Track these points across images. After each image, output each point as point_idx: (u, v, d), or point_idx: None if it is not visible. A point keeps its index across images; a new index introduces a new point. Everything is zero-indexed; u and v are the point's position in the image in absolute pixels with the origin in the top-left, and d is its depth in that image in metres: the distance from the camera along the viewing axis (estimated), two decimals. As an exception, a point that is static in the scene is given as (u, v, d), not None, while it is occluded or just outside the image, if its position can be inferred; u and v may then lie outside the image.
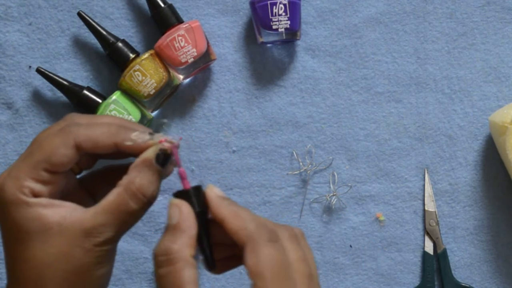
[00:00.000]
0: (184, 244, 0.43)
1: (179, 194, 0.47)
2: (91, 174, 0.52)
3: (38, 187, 0.45)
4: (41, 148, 0.46)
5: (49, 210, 0.45)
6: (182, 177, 0.48)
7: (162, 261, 0.43)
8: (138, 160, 0.46)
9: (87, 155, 0.48)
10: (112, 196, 0.45)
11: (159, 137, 0.47)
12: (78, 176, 0.51)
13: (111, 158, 0.50)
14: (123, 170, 0.47)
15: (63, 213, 0.45)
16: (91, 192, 0.52)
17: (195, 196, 0.47)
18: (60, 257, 0.44)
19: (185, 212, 0.45)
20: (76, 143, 0.46)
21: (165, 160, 0.46)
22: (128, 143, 0.46)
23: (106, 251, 0.45)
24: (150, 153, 0.46)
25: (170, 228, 0.44)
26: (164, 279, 0.42)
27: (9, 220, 0.45)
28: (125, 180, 0.46)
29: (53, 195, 0.46)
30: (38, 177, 0.45)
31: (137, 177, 0.45)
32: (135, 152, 0.47)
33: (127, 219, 0.45)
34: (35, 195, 0.45)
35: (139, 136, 0.46)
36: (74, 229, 0.44)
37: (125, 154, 0.48)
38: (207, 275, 0.73)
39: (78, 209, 0.45)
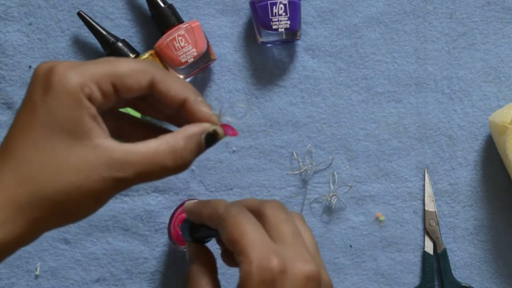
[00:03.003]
0: (202, 269, 0.48)
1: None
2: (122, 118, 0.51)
3: (97, 95, 0.43)
4: (120, 64, 0.44)
5: (93, 122, 0.43)
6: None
7: None
8: (192, 126, 0.46)
9: (125, 101, 0.48)
10: (152, 144, 0.44)
11: (225, 119, 0.48)
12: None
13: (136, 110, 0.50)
14: (154, 128, 0.48)
15: (101, 133, 0.43)
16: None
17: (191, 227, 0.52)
18: (75, 168, 0.42)
19: (192, 249, 0.50)
20: (154, 81, 0.45)
21: (212, 142, 0.47)
22: (199, 99, 0.46)
23: (113, 189, 0.44)
24: (207, 126, 0.46)
25: (190, 260, 0.50)
26: None
27: (53, 106, 0.42)
28: (170, 137, 0.45)
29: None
30: (103, 86, 0.43)
31: (183, 140, 0.45)
32: (189, 114, 0.47)
33: (153, 172, 0.44)
34: (90, 100, 0.43)
35: (210, 107, 0.47)
36: (104, 152, 0.43)
37: (167, 116, 0.49)
38: (207, 275, 0.73)
39: (113, 139, 0.44)
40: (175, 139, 0.45)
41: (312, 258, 0.45)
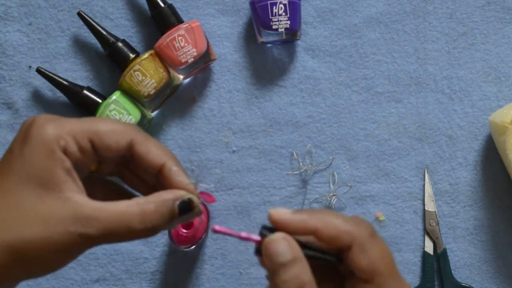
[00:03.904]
0: (310, 272, 0.45)
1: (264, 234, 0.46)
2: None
3: (73, 149, 0.44)
4: (101, 123, 0.45)
5: (66, 176, 0.43)
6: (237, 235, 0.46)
7: None
8: (166, 192, 0.46)
9: (111, 163, 0.48)
10: (122, 204, 0.44)
11: (199, 189, 0.47)
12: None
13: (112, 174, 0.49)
14: (123, 192, 0.48)
15: (74, 188, 0.44)
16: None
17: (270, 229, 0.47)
18: (41, 219, 0.42)
19: (294, 245, 0.45)
20: (133, 143, 0.46)
21: (186, 210, 0.46)
22: (174, 168, 0.46)
23: (78, 245, 0.43)
24: (182, 194, 0.46)
25: (290, 262, 0.45)
26: None
27: (28, 156, 0.43)
28: (142, 200, 0.45)
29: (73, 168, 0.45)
30: (80, 140, 0.44)
31: (154, 204, 0.45)
32: (166, 181, 0.46)
33: (119, 231, 0.44)
34: (66, 154, 0.44)
35: (187, 175, 0.47)
36: (73, 206, 0.43)
37: (140, 182, 0.49)
38: (206, 274, 0.73)
39: (86, 196, 0.44)
40: (146, 202, 0.45)
41: None
